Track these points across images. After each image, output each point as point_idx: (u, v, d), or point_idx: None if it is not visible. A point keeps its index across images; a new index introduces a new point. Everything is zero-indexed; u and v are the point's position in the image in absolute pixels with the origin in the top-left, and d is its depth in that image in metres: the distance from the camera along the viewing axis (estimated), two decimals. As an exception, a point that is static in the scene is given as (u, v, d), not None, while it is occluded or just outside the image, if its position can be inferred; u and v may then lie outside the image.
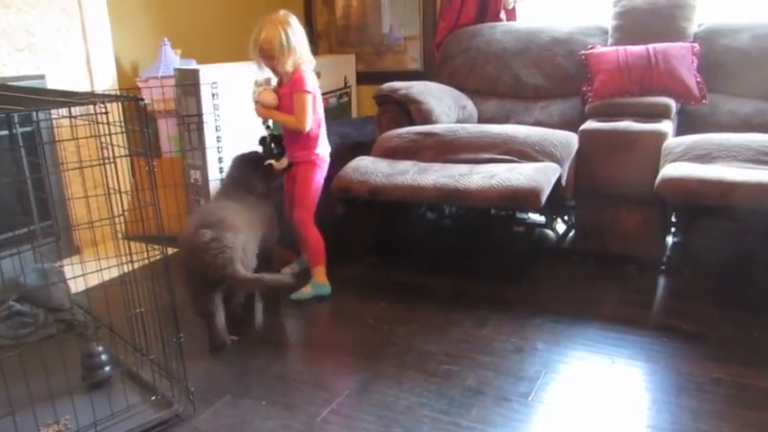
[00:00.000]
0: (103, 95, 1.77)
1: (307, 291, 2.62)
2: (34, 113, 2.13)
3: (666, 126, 2.73)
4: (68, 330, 2.33)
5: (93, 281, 2.31)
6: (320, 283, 2.64)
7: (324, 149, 2.68)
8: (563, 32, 3.39)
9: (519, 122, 3.25)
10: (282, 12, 2.58)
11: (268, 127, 2.77)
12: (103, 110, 1.65)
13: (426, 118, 3.09)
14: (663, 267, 2.81)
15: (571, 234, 3.19)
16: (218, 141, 3.23)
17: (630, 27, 3.20)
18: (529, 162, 2.63)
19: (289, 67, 2.53)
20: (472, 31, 3.60)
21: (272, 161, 2.62)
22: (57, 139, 2.72)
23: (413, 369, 2.09)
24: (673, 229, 3.01)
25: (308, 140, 2.61)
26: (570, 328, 2.32)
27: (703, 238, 2.81)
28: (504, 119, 3.35)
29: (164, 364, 1.95)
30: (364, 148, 3.10)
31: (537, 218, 3.36)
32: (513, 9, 3.68)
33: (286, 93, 2.57)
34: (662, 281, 2.73)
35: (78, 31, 3.14)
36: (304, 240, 2.68)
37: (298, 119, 2.52)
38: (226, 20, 4.04)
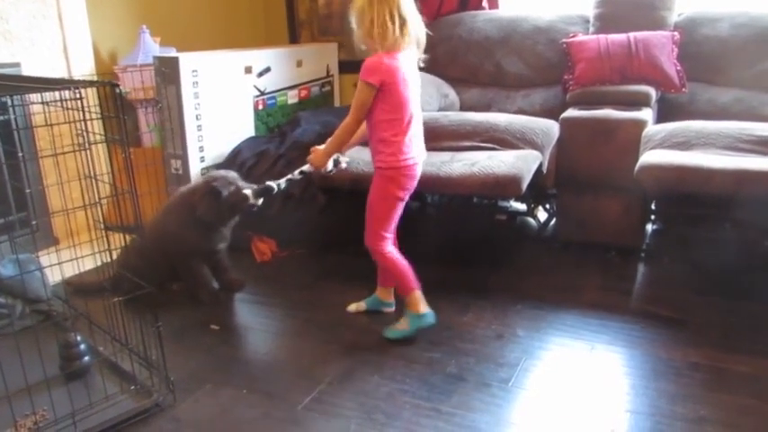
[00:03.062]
0: (78, 81, 1.74)
1: (403, 327, 2.18)
2: (8, 99, 2.09)
3: (646, 114, 2.75)
4: (46, 321, 2.30)
5: (71, 271, 2.29)
6: (416, 313, 2.16)
7: (398, 155, 2.08)
8: (544, 21, 3.39)
9: (501, 111, 3.25)
10: None
11: (302, 172, 2.30)
12: (78, 96, 1.63)
13: (408, 106, 3.08)
14: (643, 254, 2.83)
15: (552, 222, 3.21)
16: (198, 130, 3.20)
17: (612, 16, 3.20)
18: (510, 150, 2.64)
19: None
20: (454, 19, 3.58)
21: (248, 191, 2.39)
22: (31, 125, 2.68)
23: (394, 356, 2.09)
24: (652, 217, 3.03)
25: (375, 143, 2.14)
26: (551, 314, 2.33)
27: (682, 226, 2.83)
28: (486, 107, 3.35)
29: (143, 353, 1.93)
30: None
31: (519, 206, 3.38)
32: (496, -2, 3.68)
33: None
34: (642, 268, 2.76)
35: (55, 18, 3.09)
36: (387, 269, 2.22)
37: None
38: (206, 7, 3.99)
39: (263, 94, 3.58)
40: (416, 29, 2.07)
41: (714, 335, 2.14)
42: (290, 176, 2.32)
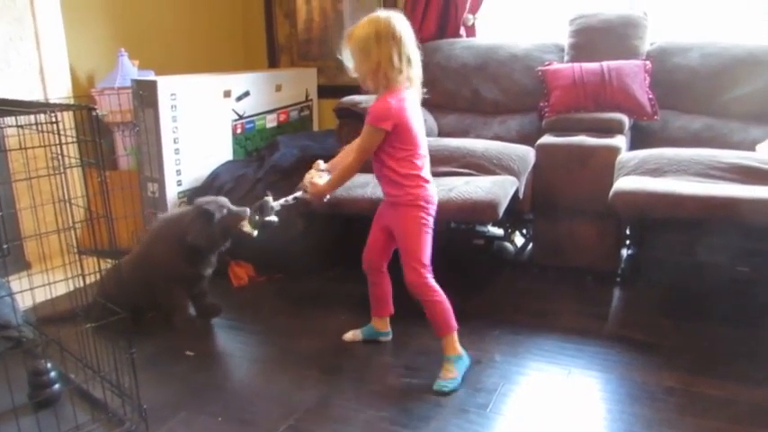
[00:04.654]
0: (54, 105, 1.73)
1: (454, 375, 2.03)
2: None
3: (620, 141, 2.80)
4: (15, 348, 2.25)
5: (44, 296, 2.24)
6: (458, 355, 2.09)
7: (423, 185, 2.11)
8: (521, 49, 3.45)
9: (478, 136, 3.28)
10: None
11: (296, 198, 2.29)
12: (54, 119, 1.61)
13: (386, 131, 3.10)
14: (618, 279, 2.86)
15: (529, 247, 3.23)
16: (176, 153, 3.18)
17: (585, 45, 3.27)
18: (487, 175, 2.66)
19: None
20: (432, 46, 3.63)
21: (245, 223, 2.34)
22: (6, 149, 2.64)
23: (372, 382, 2.08)
24: (627, 242, 3.07)
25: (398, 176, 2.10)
26: (528, 339, 2.34)
27: (656, 251, 2.87)
28: (464, 133, 3.39)
29: (115, 380, 1.90)
30: (325, 161, 3.09)
31: (496, 231, 3.40)
32: (473, 26, 3.73)
33: None
34: (617, 292, 2.79)
35: (32, 40, 3.07)
36: (429, 309, 2.08)
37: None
38: (185, 31, 4.00)
39: (241, 117, 3.58)
40: (419, 67, 2.06)
41: (688, 359, 2.16)
42: (282, 201, 2.30)
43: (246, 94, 3.59)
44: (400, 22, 2.00)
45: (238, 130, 3.57)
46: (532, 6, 3.70)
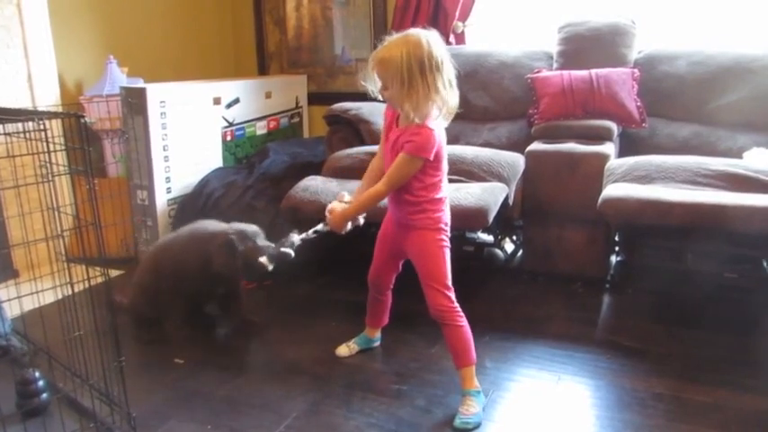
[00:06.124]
0: (42, 112, 1.72)
1: (476, 410, 1.91)
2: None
3: (609, 148, 2.82)
4: (3, 357, 2.23)
5: (32, 304, 2.23)
6: (477, 389, 1.96)
7: (444, 207, 2.02)
8: (510, 56, 3.47)
9: (468, 143, 3.30)
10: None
11: (316, 231, 2.18)
12: (42, 127, 1.61)
13: (376, 138, 3.11)
14: (607, 285, 2.88)
15: (519, 253, 3.24)
16: (165, 161, 3.17)
17: (574, 53, 3.30)
18: (477, 182, 2.67)
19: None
20: (422, 53, 3.65)
21: (264, 259, 2.28)
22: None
23: (362, 389, 2.08)
24: (616, 248, 3.09)
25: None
26: (518, 345, 2.35)
27: (645, 257, 2.89)
28: (454, 140, 3.39)
29: (104, 389, 1.88)
30: (315, 168, 3.10)
31: (486, 237, 3.41)
32: (462, 33, 3.75)
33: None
34: (606, 299, 2.80)
35: (20, 48, 3.06)
36: (453, 335, 1.98)
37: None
38: (175, 37, 4.00)
39: (231, 125, 3.58)
40: (456, 86, 1.93)
41: (677, 365, 2.17)
42: (303, 236, 2.22)
43: (236, 101, 3.59)
44: (439, 45, 1.86)
45: (228, 138, 3.57)
46: (522, 14, 3.73)
